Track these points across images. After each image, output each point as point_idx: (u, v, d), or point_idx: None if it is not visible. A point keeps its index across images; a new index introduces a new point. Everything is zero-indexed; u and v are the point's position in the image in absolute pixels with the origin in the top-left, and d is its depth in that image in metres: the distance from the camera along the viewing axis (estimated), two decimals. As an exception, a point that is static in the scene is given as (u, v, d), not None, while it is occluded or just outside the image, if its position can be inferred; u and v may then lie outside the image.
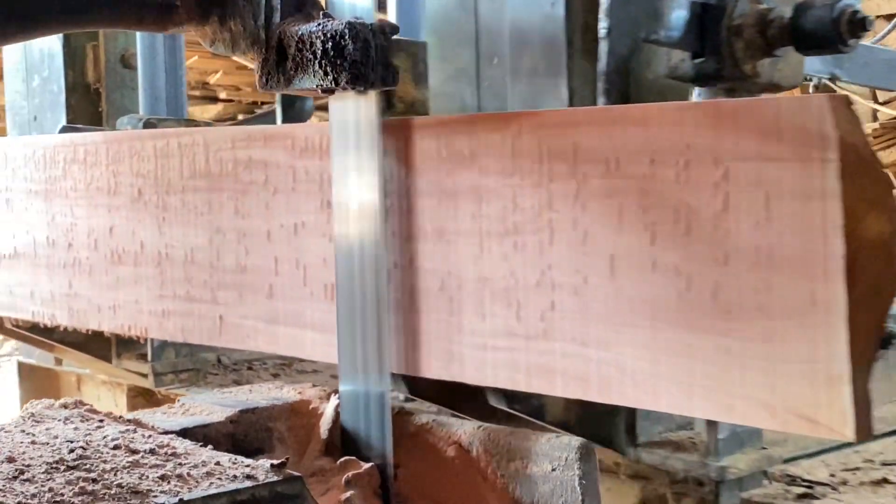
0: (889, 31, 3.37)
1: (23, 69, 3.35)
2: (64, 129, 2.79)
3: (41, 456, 1.51)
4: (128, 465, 1.49)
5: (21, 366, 3.52)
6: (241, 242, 2.06)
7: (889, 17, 3.52)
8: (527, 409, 1.99)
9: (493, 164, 1.68)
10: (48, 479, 1.43)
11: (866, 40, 3.51)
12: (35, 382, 3.46)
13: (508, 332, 1.67)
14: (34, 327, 2.79)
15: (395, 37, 1.72)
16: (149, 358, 3.00)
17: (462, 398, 2.06)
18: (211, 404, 1.88)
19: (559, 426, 2.02)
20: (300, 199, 1.96)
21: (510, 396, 1.95)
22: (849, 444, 2.18)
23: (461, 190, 1.74)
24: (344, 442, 1.84)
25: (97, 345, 3.02)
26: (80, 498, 1.38)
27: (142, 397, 3.15)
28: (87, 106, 3.25)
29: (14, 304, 2.60)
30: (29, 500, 1.36)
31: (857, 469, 2.25)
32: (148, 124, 2.81)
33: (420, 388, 2.08)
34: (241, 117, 6.00)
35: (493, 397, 1.96)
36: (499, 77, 2.10)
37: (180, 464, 1.50)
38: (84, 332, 2.61)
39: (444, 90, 2.19)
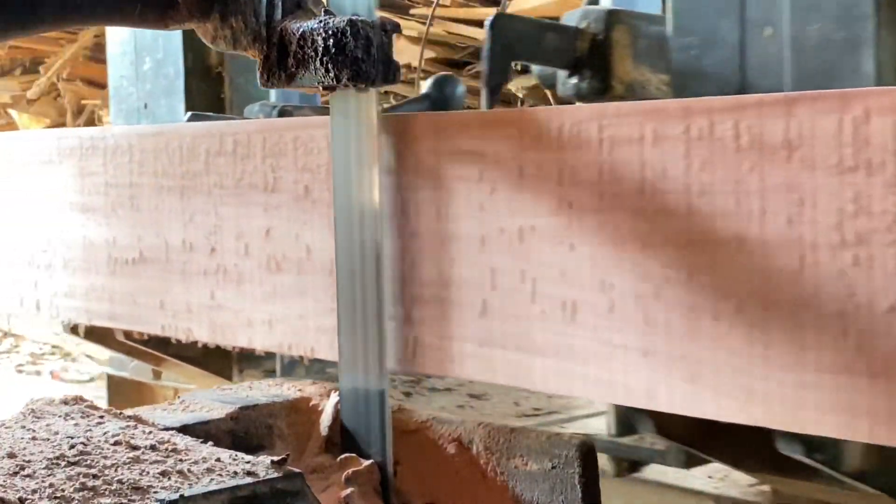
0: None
1: (131, 51, 2.98)
2: (193, 118, 2.45)
3: (42, 452, 1.51)
4: (128, 461, 1.49)
5: (111, 379, 3.25)
6: (444, 250, 1.78)
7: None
8: (823, 459, 1.76)
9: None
10: (49, 475, 1.43)
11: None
12: (126, 397, 3.19)
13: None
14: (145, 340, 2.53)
15: (613, 7, 1.63)
16: (277, 374, 2.66)
17: (731, 441, 1.85)
18: (211, 401, 1.88)
19: (857, 477, 1.80)
20: (527, 198, 1.68)
21: (808, 443, 1.73)
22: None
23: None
24: (344, 439, 1.84)
25: (215, 360, 2.72)
26: (80, 493, 1.38)
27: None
28: (206, 92, 2.90)
29: (138, 315, 2.28)
30: (30, 496, 1.37)
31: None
32: (283, 113, 2.47)
33: (667, 426, 1.93)
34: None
35: (786, 444, 1.75)
36: (773, 51, 1.80)
37: (181, 460, 1.50)
38: (201, 347, 2.27)
39: (695, 66, 1.88)
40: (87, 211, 2.35)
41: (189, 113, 2.42)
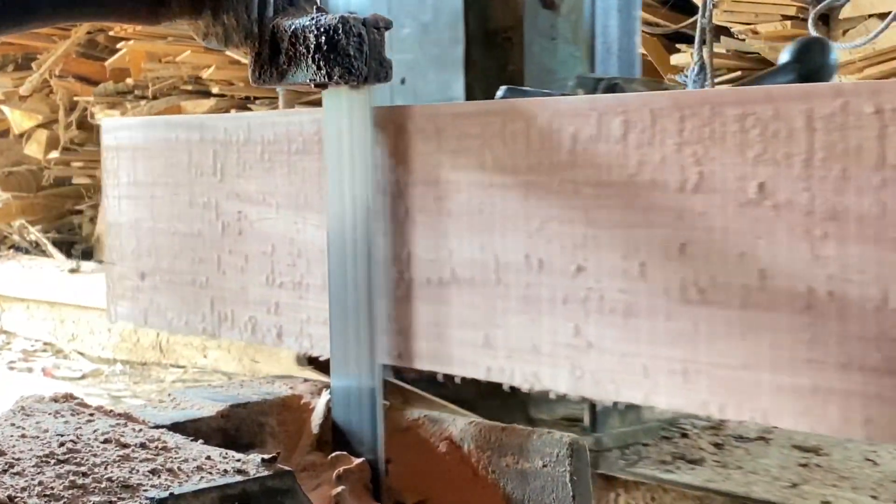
0: (882, 30, 3.37)
1: (384, 13, 2.45)
2: (510, 93, 1.91)
3: (31, 449, 1.51)
4: (118, 458, 1.49)
5: None
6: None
7: (882, 16, 3.53)
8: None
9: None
10: (38, 473, 1.43)
11: (859, 39, 3.51)
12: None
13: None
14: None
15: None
16: (586, 424, 2.16)
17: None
18: (202, 399, 1.88)
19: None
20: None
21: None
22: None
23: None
24: (335, 437, 1.84)
25: (490, 403, 2.12)
26: (69, 491, 1.37)
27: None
28: (490, 62, 2.26)
29: (447, 353, 1.77)
30: (19, 494, 1.36)
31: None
32: (611, 88, 1.97)
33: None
34: (233, 112, 5.99)
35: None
36: None
37: (171, 458, 1.50)
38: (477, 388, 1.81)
39: None
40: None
41: (503, 88, 1.87)
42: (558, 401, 1.83)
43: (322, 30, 1.67)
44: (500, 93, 1.91)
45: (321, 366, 2.08)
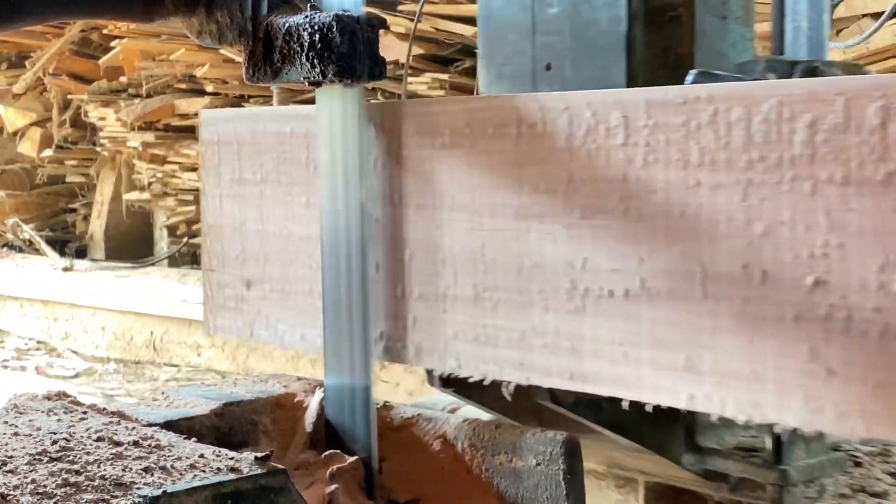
0: (876, 30, 3.37)
1: None
2: (701, 77, 1.64)
3: (24, 447, 1.50)
4: (111, 456, 1.48)
5: None
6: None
7: (876, 16, 3.53)
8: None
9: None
10: (31, 471, 1.42)
11: (853, 38, 3.51)
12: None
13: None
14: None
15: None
16: (767, 456, 1.86)
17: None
18: (195, 397, 1.88)
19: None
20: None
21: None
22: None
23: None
24: (329, 435, 1.83)
25: (658, 430, 1.84)
26: (62, 489, 1.37)
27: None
28: (656, 46, 1.95)
29: (636, 377, 1.55)
30: (11, 492, 1.36)
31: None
32: (811, 72, 1.73)
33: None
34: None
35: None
36: None
37: (164, 456, 1.50)
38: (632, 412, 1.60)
39: None
40: (525, 217, 1.65)
41: (693, 72, 1.64)
42: (729, 427, 1.71)
43: (316, 28, 1.66)
44: (689, 78, 1.65)
45: (464, 388, 1.81)
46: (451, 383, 1.83)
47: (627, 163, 1.53)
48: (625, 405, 1.56)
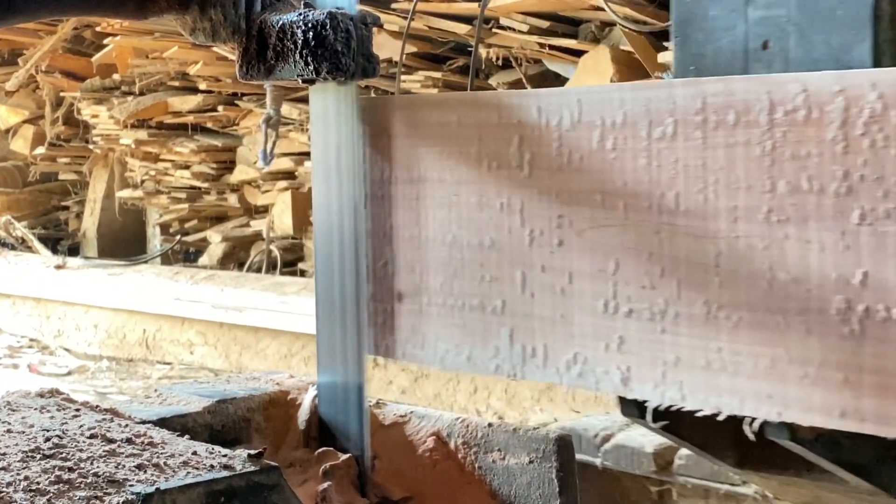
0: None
1: None
2: None
3: (17, 444, 1.50)
4: (104, 453, 1.48)
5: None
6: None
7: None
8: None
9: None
10: (24, 468, 1.42)
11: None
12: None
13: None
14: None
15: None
16: None
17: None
18: (189, 394, 1.87)
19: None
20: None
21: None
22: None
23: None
24: (322, 433, 1.84)
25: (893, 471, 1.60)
26: (55, 486, 1.37)
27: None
28: None
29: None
30: (4, 489, 1.36)
31: None
32: None
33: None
34: (221, 109, 5.97)
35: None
36: None
37: (157, 453, 1.50)
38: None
39: None
40: (780, 222, 1.43)
41: None
42: None
43: (310, 25, 1.66)
44: None
45: (677, 424, 1.57)
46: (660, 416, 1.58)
47: None
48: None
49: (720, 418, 1.47)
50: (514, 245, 1.67)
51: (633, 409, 1.59)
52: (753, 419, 1.44)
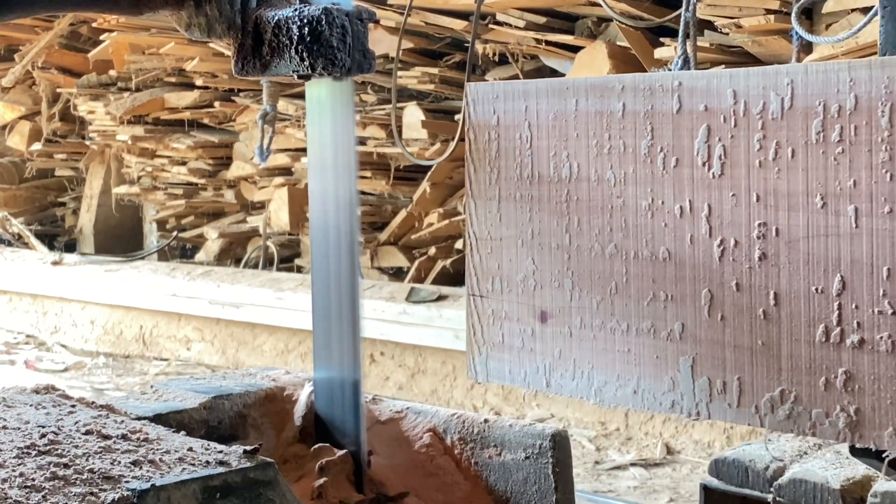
0: (865, 24, 3.38)
1: None
2: None
3: (12, 441, 1.50)
4: (99, 450, 1.48)
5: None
6: None
7: (865, 10, 3.54)
8: None
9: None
10: (19, 464, 1.42)
11: (843, 33, 3.52)
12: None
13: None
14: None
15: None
16: None
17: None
18: (185, 390, 1.87)
19: None
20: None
21: None
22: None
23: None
24: (318, 429, 1.83)
25: None
26: (51, 483, 1.37)
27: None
28: None
29: None
30: (0, 485, 1.36)
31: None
32: None
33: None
34: (217, 105, 5.97)
35: None
36: None
37: (153, 449, 1.49)
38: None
39: None
40: None
41: None
42: None
43: (305, 21, 1.66)
44: None
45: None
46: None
47: None
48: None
49: None
50: (699, 258, 1.43)
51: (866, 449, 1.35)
52: None
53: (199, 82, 5.95)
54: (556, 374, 1.59)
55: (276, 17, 1.69)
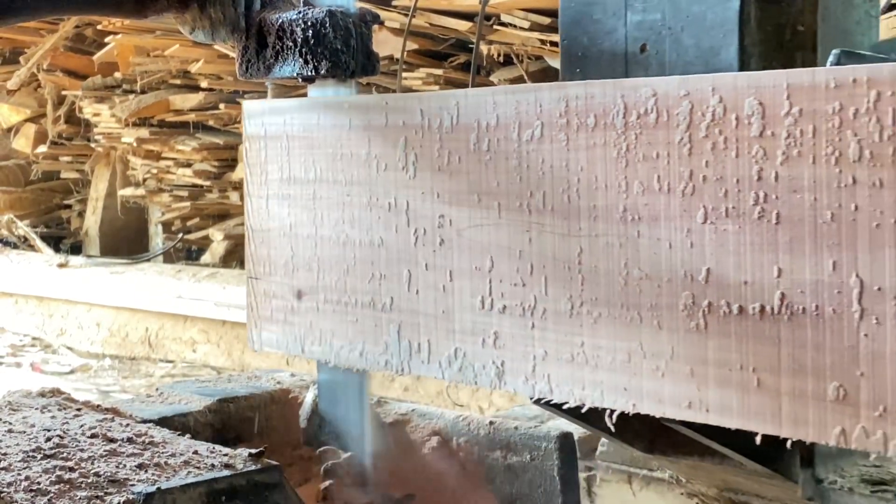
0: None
1: None
2: (845, 58, 1.48)
3: (18, 444, 1.50)
4: (105, 453, 1.48)
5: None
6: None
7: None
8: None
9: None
10: (25, 468, 1.42)
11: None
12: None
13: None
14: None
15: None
16: None
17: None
18: (190, 393, 1.88)
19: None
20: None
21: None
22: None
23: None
24: (323, 431, 1.83)
25: (776, 456, 1.63)
26: (56, 486, 1.37)
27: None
28: (773, 24, 1.74)
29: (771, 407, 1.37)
30: (5, 489, 1.36)
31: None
32: None
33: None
34: (222, 107, 5.98)
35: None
36: None
37: (158, 452, 1.50)
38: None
39: None
40: (634, 220, 1.48)
41: (837, 51, 1.46)
42: (848, 457, 1.60)
43: (309, 23, 1.66)
44: (831, 58, 1.45)
45: (592, 411, 1.54)
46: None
47: (764, 158, 1.35)
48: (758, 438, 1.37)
49: (583, 410, 1.52)
50: (402, 245, 1.72)
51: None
52: (613, 411, 1.49)
53: (204, 84, 5.95)
54: (307, 342, 1.85)
55: (280, 20, 1.69)
